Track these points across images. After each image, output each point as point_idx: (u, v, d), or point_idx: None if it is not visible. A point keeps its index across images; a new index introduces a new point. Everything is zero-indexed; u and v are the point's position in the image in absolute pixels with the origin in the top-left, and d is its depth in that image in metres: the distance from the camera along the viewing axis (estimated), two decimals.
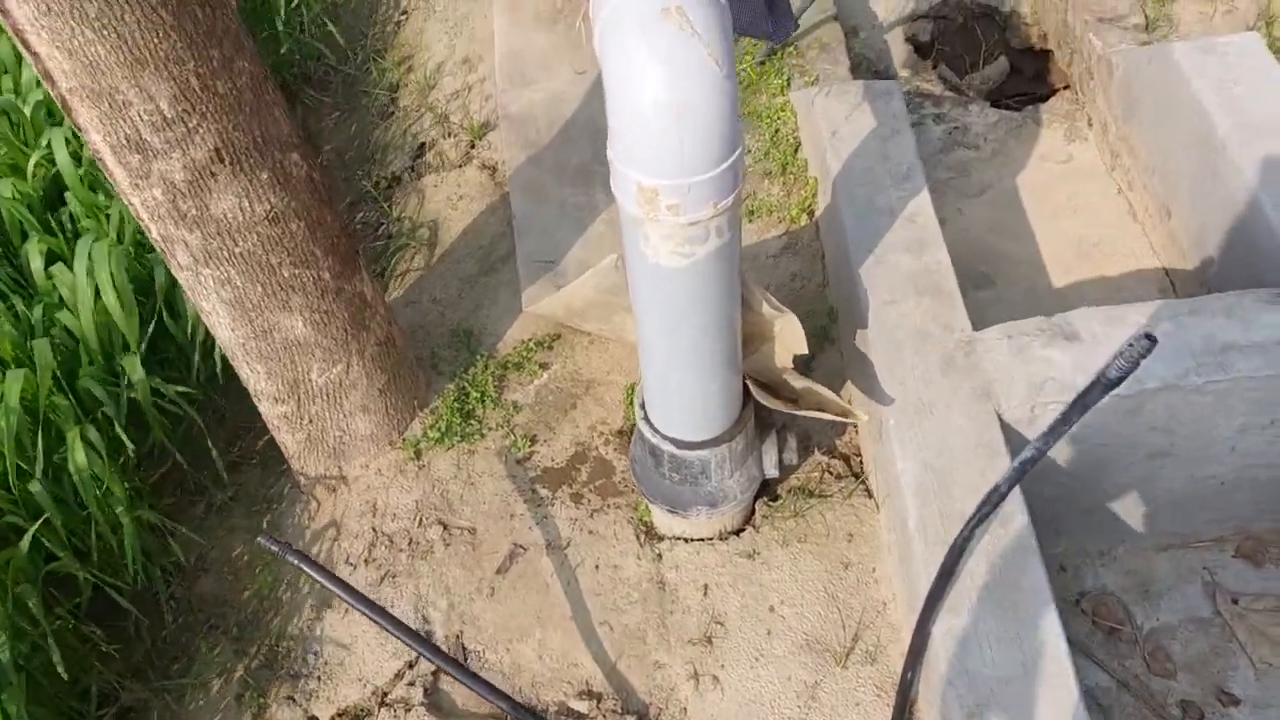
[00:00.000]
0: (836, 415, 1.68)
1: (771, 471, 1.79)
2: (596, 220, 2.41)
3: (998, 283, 2.41)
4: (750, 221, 2.41)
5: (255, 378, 1.83)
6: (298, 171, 1.66)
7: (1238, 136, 1.98)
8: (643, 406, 1.72)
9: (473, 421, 2.07)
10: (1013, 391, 1.69)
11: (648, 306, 1.49)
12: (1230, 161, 1.96)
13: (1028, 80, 3.03)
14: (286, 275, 1.69)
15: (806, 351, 1.65)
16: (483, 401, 2.10)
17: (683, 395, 1.60)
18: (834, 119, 2.16)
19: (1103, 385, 1.19)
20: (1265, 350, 1.65)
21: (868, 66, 2.96)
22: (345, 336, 1.83)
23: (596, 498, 1.95)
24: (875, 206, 1.98)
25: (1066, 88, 2.84)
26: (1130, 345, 1.16)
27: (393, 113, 2.87)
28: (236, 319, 1.71)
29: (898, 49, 3.00)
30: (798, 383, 1.69)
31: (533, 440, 2.05)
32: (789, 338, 1.66)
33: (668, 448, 1.68)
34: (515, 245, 2.39)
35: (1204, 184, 2.07)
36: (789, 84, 2.60)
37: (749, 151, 2.52)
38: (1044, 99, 2.85)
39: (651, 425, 1.70)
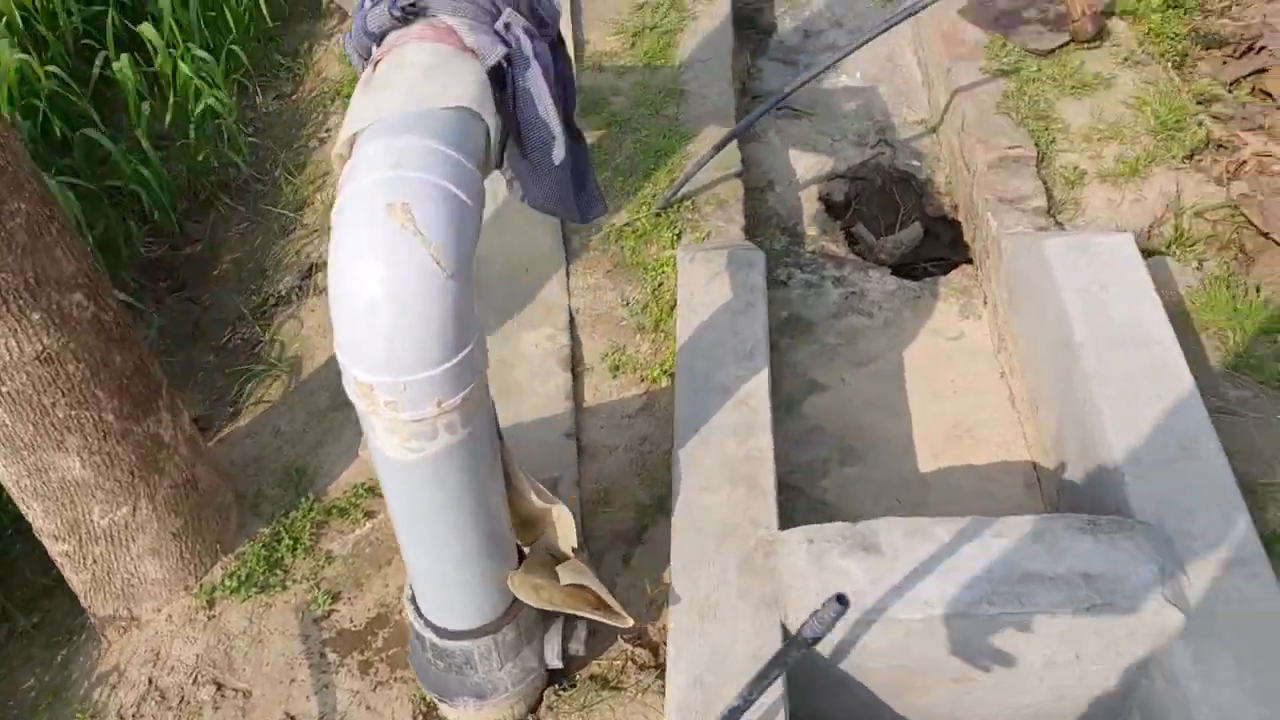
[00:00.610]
0: (603, 617, 1.58)
1: (554, 663, 1.68)
2: None
3: (866, 460, 2.32)
4: (614, 377, 2.34)
5: (33, 515, 1.76)
6: (80, 313, 1.61)
7: (1093, 345, 1.90)
8: (411, 586, 1.63)
9: (278, 571, 1.98)
10: (802, 602, 1.59)
11: (390, 494, 1.42)
12: (1083, 370, 1.89)
13: (944, 246, 2.99)
14: (62, 415, 1.64)
15: (575, 544, 1.56)
16: (294, 549, 2.02)
17: (435, 583, 1.51)
18: (694, 284, 2.11)
19: (798, 644, 1.10)
20: (1069, 584, 1.54)
21: (778, 223, 2.92)
22: (132, 479, 1.77)
23: (386, 668, 1.84)
24: (711, 384, 1.92)
25: (970, 261, 2.79)
26: (824, 607, 1.07)
27: (294, 230, 2.85)
28: (7, 456, 1.65)
29: (810, 207, 2.97)
30: (572, 577, 1.60)
31: (335, 597, 1.95)
32: (563, 528, 1.57)
33: (429, 634, 1.58)
34: None
35: (1061, 387, 1.99)
36: (679, 238, 2.56)
37: (629, 304, 2.47)
38: (948, 270, 2.80)
39: (416, 608, 1.60)
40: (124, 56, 2.83)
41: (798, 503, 2.23)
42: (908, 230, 3.00)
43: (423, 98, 1.22)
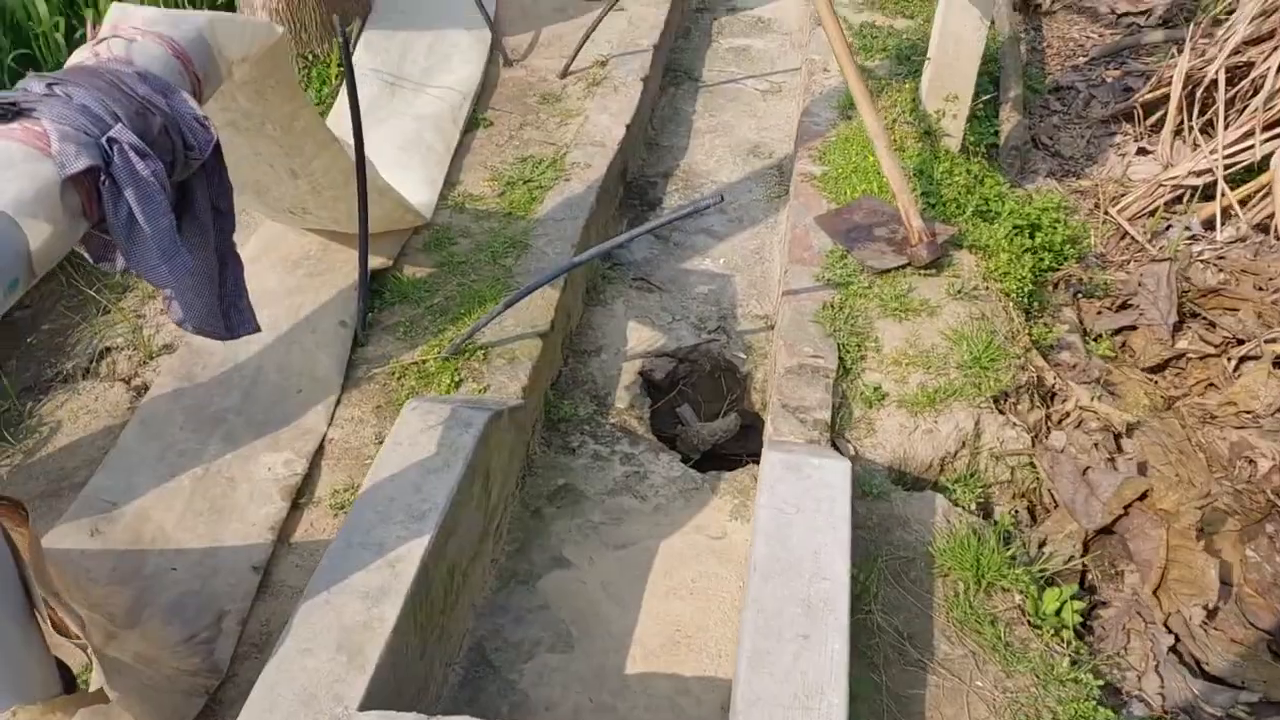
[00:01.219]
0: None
1: None
2: (186, 473, 2.28)
3: (577, 649, 2.20)
4: (335, 516, 2.25)
5: None
6: None
7: (763, 569, 1.82)
8: None
9: None
10: None
11: None
12: (748, 595, 1.79)
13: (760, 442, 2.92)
14: None
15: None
16: None
17: None
18: (403, 435, 2.05)
19: None
20: None
21: (590, 390, 2.88)
22: None
23: None
24: (369, 539, 1.83)
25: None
26: None
27: (109, 311, 2.83)
28: None
29: (628, 379, 2.93)
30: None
31: None
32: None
33: None
34: (91, 476, 2.25)
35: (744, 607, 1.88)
36: (458, 385, 2.51)
37: (383, 442, 2.40)
38: (736, 466, 2.73)
39: None
40: None
41: (489, 683, 2.11)
42: (724, 420, 2.95)
43: None
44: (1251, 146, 3.41)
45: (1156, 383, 2.95)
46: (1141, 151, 3.94)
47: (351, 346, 2.63)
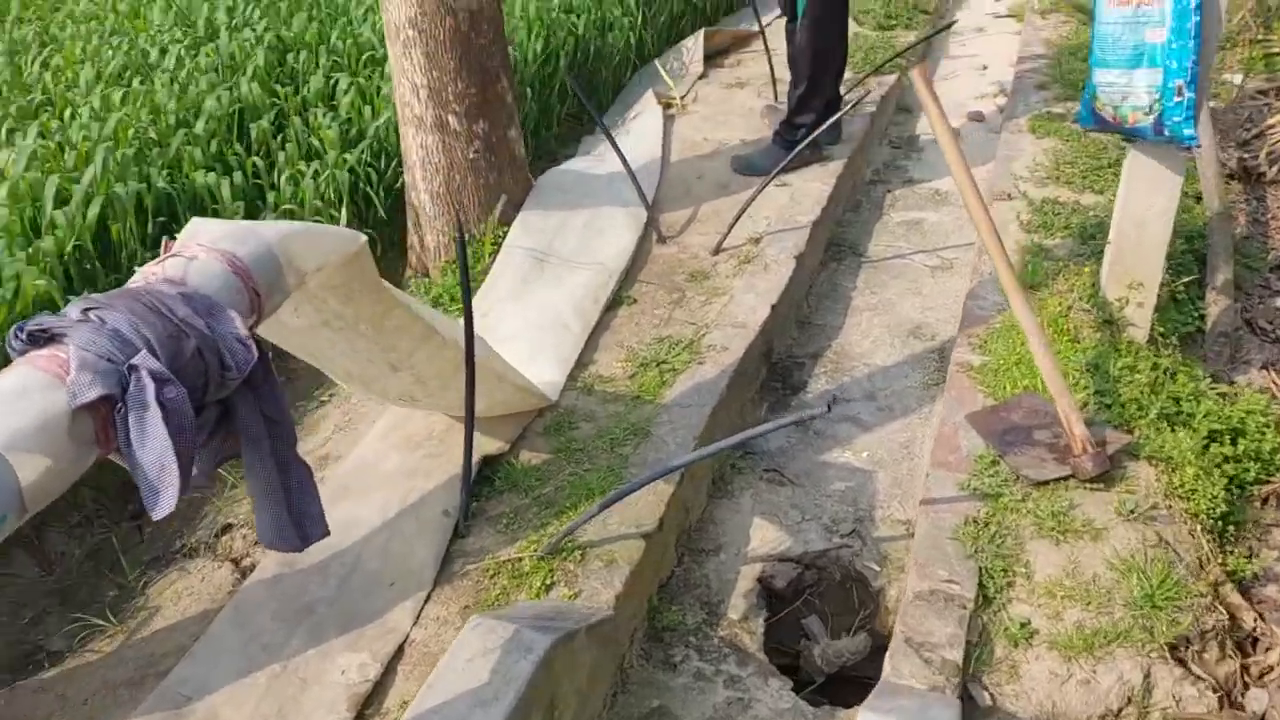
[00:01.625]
0: None
1: None
2: (264, 670, 2.23)
3: None
4: None
5: None
6: None
7: None
8: None
9: None
10: None
11: None
12: None
13: None
14: None
15: None
16: None
17: None
18: (458, 658, 1.91)
19: None
20: None
21: (701, 595, 2.68)
22: None
23: None
24: None
25: None
26: None
27: (235, 486, 2.90)
28: None
29: (745, 584, 2.70)
30: None
31: None
32: None
33: None
34: (176, 665, 2.24)
35: None
36: (549, 590, 2.38)
37: None
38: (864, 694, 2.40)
39: None
40: None
41: None
42: (853, 640, 2.65)
43: None
44: None
45: None
46: None
47: (451, 538, 2.55)
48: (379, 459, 2.83)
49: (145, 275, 1.51)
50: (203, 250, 1.53)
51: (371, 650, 2.25)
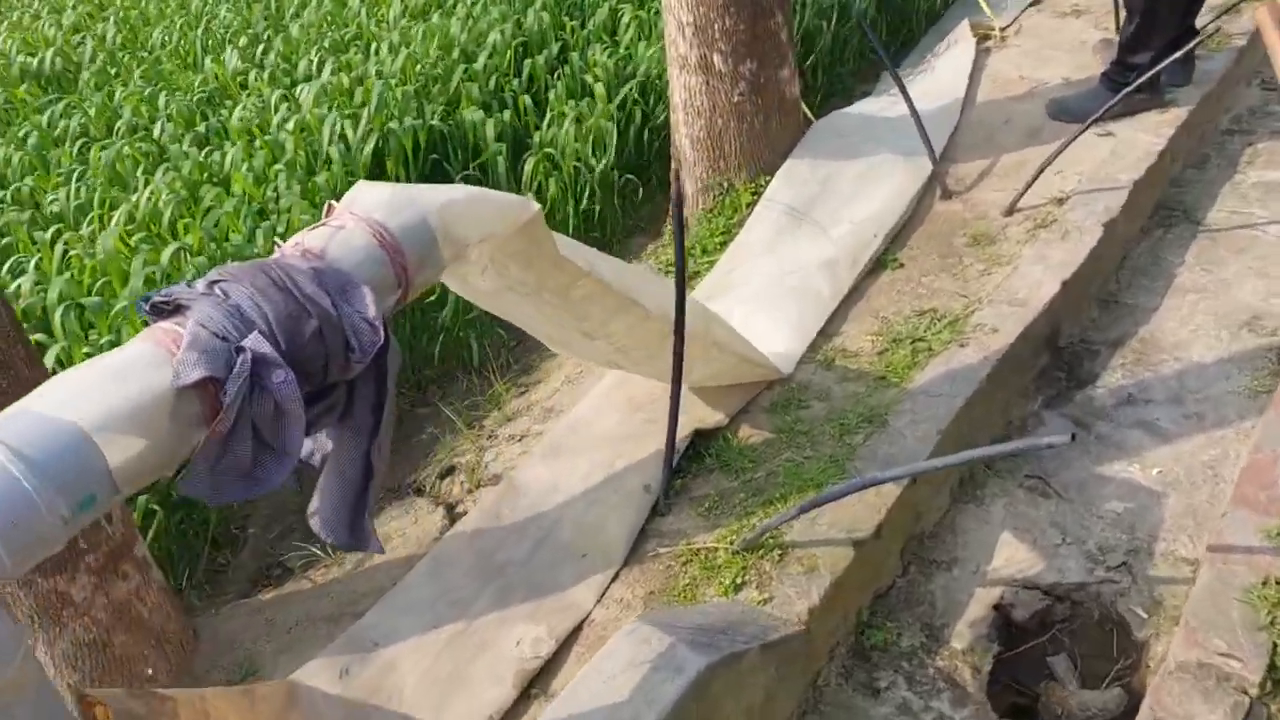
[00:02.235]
0: None
1: None
2: (448, 626, 2.25)
3: None
4: None
5: None
6: None
7: None
8: None
9: None
10: None
11: None
12: None
13: None
14: None
15: None
16: None
17: None
18: (616, 661, 1.78)
19: None
20: None
21: (923, 615, 2.39)
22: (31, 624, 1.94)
23: None
24: None
25: None
26: None
27: (474, 428, 2.96)
28: None
29: (978, 610, 2.38)
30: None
31: None
32: None
33: None
34: (370, 610, 2.32)
35: None
36: (737, 589, 2.20)
37: None
38: None
39: None
40: None
41: None
42: (1106, 694, 2.26)
43: (60, 404, 1.20)
44: None
45: None
46: None
47: (650, 515, 2.42)
48: (596, 417, 2.75)
49: (294, 242, 1.47)
50: (353, 220, 1.46)
51: (549, 624, 2.19)
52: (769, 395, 2.77)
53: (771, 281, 3.09)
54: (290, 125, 3.31)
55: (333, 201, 1.58)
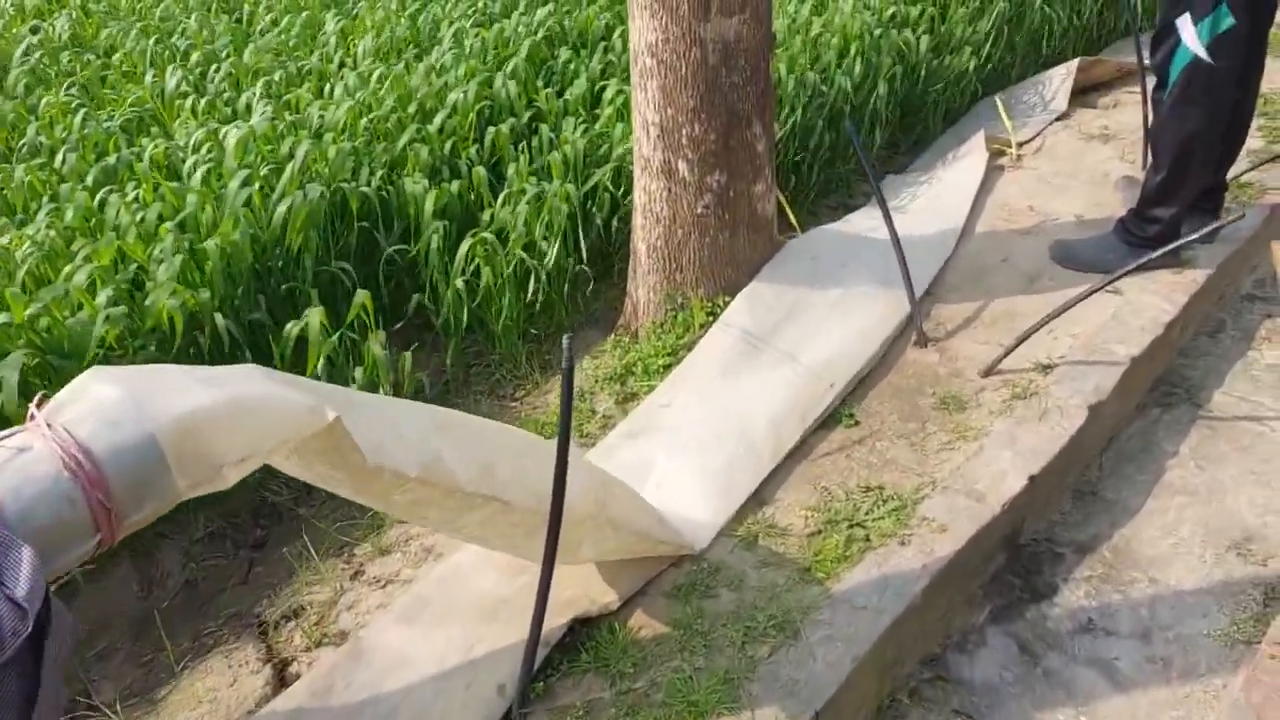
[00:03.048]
0: None
1: None
2: None
3: None
4: None
5: None
6: None
7: None
8: None
9: None
10: None
11: None
12: None
13: None
14: None
15: None
16: None
17: None
18: None
19: None
20: None
21: None
22: None
23: None
24: None
25: None
26: None
27: (341, 556, 2.62)
28: None
29: None
30: None
31: None
32: None
33: None
34: None
35: None
36: None
37: None
38: None
39: None
40: None
41: None
42: None
43: None
44: None
45: None
46: None
47: None
48: (473, 573, 2.41)
49: None
50: (43, 439, 1.12)
51: None
52: (674, 575, 2.42)
53: (707, 429, 2.75)
54: (199, 175, 2.98)
55: (40, 399, 1.23)
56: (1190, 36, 3.08)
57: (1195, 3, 3.04)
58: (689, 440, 2.71)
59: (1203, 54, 3.07)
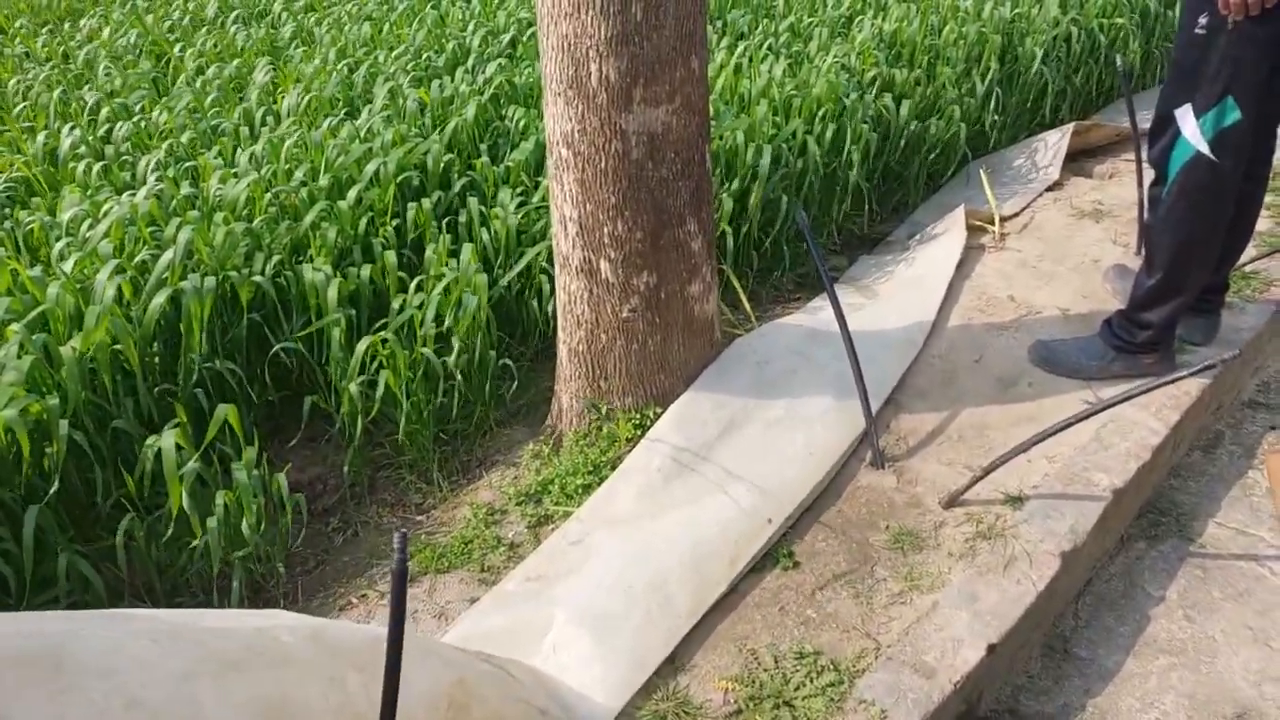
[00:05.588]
0: None
1: None
2: None
3: None
4: None
5: None
6: None
7: None
8: None
9: None
10: None
11: None
12: None
13: None
14: None
15: None
16: None
17: None
18: None
19: None
20: None
21: None
22: None
23: None
24: None
25: None
26: None
27: None
28: None
29: None
30: None
31: None
32: None
33: None
34: None
35: None
36: None
37: None
38: None
39: None
40: None
41: None
42: None
43: None
44: None
45: None
46: None
47: None
48: None
49: None
50: None
51: None
52: None
53: (615, 577, 2.43)
54: (69, 264, 2.67)
55: None
56: (1192, 130, 2.77)
57: (1197, 94, 2.73)
58: (594, 592, 2.39)
59: (1205, 150, 2.76)
